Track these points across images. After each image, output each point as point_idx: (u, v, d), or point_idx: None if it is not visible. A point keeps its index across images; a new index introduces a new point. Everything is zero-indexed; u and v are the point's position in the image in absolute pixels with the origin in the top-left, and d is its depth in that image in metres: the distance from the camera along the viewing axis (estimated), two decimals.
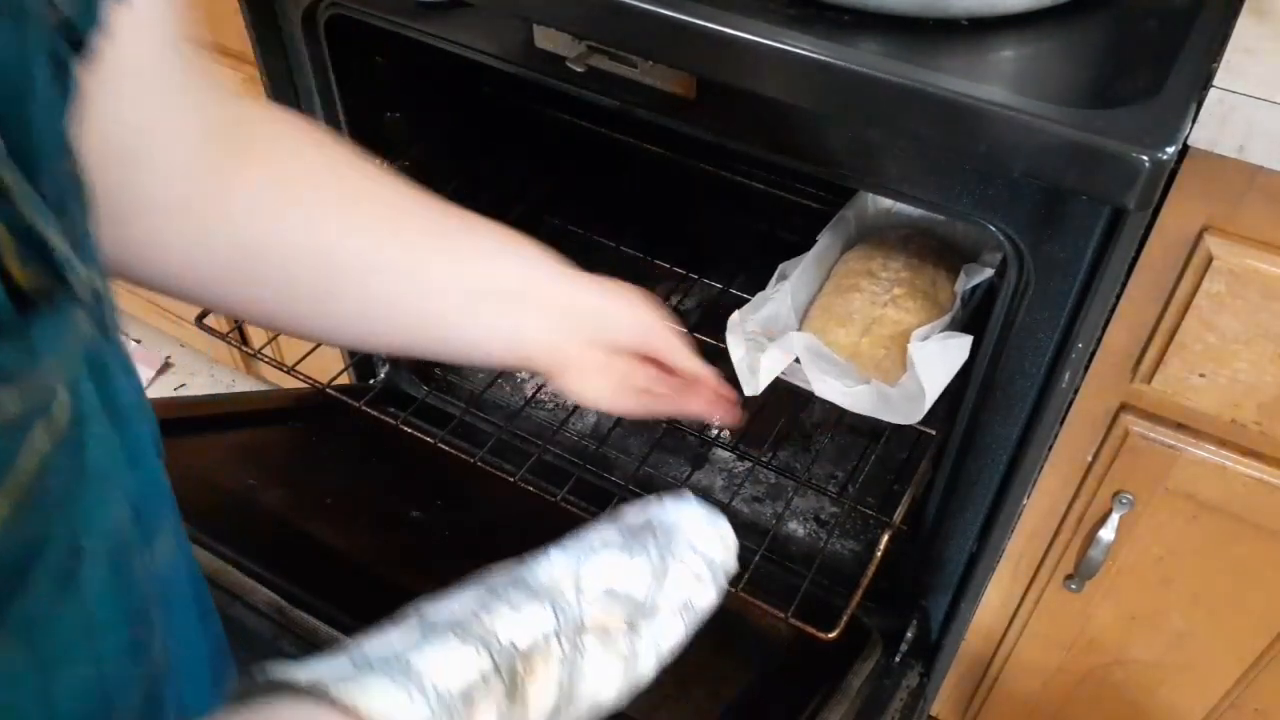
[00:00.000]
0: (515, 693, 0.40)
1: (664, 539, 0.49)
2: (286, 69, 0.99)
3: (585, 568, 0.45)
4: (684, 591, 0.48)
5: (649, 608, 0.46)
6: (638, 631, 0.45)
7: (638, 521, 0.50)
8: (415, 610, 0.42)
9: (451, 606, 0.42)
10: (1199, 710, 1.00)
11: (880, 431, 0.98)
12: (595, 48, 0.76)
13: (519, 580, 0.44)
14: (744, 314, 0.89)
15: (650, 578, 0.47)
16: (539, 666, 0.41)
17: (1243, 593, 0.88)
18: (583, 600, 0.44)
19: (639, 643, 0.45)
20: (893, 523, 0.88)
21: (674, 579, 0.48)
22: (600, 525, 0.49)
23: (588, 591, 0.44)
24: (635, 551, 0.47)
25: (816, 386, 0.84)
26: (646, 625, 0.46)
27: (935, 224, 1.02)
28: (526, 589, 0.43)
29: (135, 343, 1.89)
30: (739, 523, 1.14)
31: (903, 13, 0.66)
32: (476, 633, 0.40)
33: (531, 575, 0.45)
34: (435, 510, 1.07)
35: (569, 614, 0.43)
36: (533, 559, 0.46)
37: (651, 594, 0.46)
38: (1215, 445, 0.80)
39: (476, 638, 0.40)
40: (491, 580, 0.44)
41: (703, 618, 0.50)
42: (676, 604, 0.47)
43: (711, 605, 0.50)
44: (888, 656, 0.98)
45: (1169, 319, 0.74)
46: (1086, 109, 0.58)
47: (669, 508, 0.51)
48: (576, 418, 1.26)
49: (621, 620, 0.45)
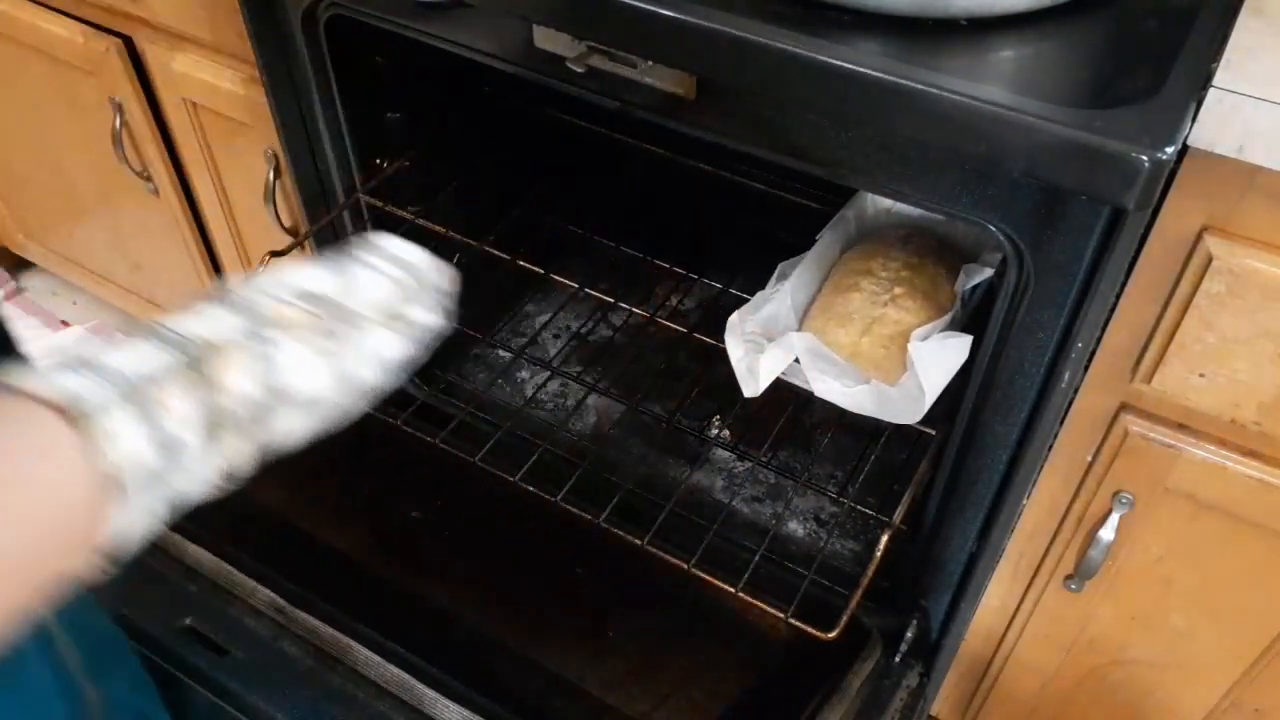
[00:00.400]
0: (204, 376, 0.45)
1: (362, 255, 0.54)
2: (286, 69, 0.99)
3: (275, 280, 0.51)
4: (384, 296, 0.52)
5: (347, 311, 0.51)
6: (336, 330, 0.50)
7: (342, 257, 0.55)
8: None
9: (143, 328, 0.46)
10: (1199, 710, 1.00)
11: (880, 431, 0.98)
12: (595, 48, 0.76)
13: (212, 298, 0.49)
14: (743, 314, 0.89)
15: (341, 280, 0.52)
16: (230, 355, 0.46)
17: (1243, 593, 0.88)
18: (271, 302, 0.49)
19: (340, 341, 0.50)
20: (892, 523, 0.88)
21: (371, 284, 0.52)
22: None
23: (277, 294, 0.50)
24: (329, 266, 0.53)
25: (816, 386, 0.84)
26: (346, 325, 0.50)
27: (935, 224, 1.02)
28: (218, 303, 0.49)
29: None
30: (739, 523, 1.14)
31: (902, 13, 0.66)
32: (163, 334, 0.45)
33: (226, 295, 0.50)
34: (435, 510, 1.07)
35: (256, 313, 0.48)
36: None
37: (346, 295, 0.51)
38: (1215, 445, 0.80)
39: (162, 336, 0.45)
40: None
41: (424, 334, 0.55)
42: (380, 309, 0.52)
43: (429, 322, 0.55)
44: (887, 656, 0.98)
45: (1169, 319, 0.74)
46: (1086, 109, 0.58)
47: (369, 239, 0.56)
48: (576, 418, 1.26)
49: (316, 318, 0.50)
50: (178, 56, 1.20)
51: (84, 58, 1.29)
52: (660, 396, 1.19)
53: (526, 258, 1.08)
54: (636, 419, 1.19)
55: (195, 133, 1.28)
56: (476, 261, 1.13)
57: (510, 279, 1.14)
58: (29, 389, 0.40)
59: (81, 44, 1.27)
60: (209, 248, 1.48)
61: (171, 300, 1.67)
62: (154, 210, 1.47)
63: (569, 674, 0.89)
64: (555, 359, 1.30)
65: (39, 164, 1.58)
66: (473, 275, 1.18)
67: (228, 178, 1.33)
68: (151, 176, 1.40)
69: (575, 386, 1.29)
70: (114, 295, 1.77)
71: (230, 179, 1.33)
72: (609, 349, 1.30)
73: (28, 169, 1.62)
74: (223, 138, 1.27)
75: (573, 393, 1.29)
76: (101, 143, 1.38)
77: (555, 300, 1.37)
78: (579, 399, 1.27)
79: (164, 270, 1.61)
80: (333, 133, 1.03)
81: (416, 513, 1.06)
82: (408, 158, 1.12)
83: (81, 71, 1.32)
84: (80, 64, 1.31)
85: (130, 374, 0.42)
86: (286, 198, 1.22)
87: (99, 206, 1.58)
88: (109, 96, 1.32)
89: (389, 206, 1.08)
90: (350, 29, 0.92)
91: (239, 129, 1.22)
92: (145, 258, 1.62)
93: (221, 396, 0.45)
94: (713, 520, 0.99)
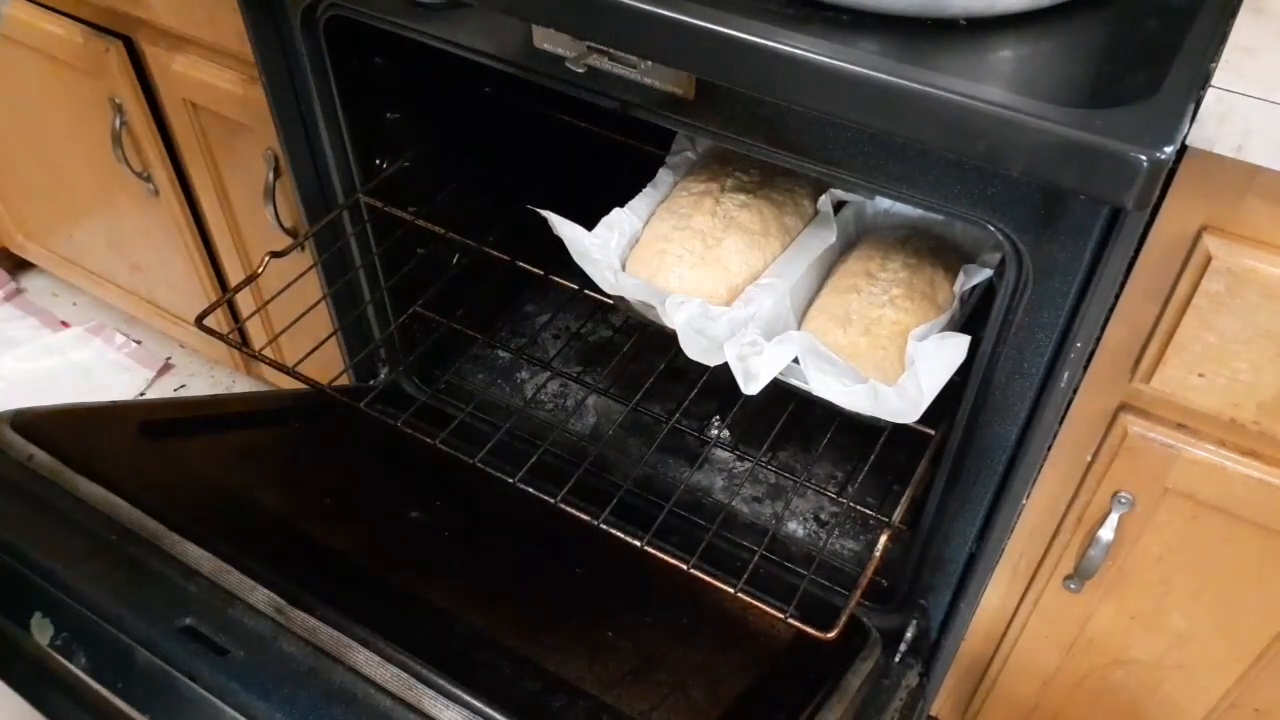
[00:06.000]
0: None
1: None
2: (286, 69, 0.99)
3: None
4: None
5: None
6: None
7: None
8: None
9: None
10: (1199, 710, 1.00)
11: (880, 431, 0.98)
12: (595, 48, 0.76)
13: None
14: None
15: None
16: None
17: (1243, 593, 0.88)
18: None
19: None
20: (892, 523, 0.88)
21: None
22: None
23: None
24: None
25: (815, 386, 0.84)
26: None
27: (934, 224, 1.02)
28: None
29: (135, 343, 1.89)
30: (739, 523, 1.14)
31: (901, 13, 0.66)
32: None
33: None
34: (435, 510, 1.07)
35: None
36: None
37: None
38: (1215, 445, 0.80)
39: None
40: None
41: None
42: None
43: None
44: (887, 656, 0.98)
45: (1168, 319, 0.74)
46: (1085, 109, 0.58)
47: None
48: (576, 418, 1.26)
49: None
50: (178, 57, 1.20)
51: (84, 58, 1.29)
52: (660, 396, 1.19)
53: (526, 258, 1.08)
54: (636, 419, 1.19)
55: (195, 133, 1.28)
56: (476, 261, 1.13)
57: (510, 279, 1.14)
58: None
59: (81, 44, 1.27)
60: (209, 248, 1.48)
61: (171, 300, 1.67)
62: (154, 211, 1.47)
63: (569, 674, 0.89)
64: (555, 359, 1.30)
65: (39, 164, 1.58)
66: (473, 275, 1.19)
67: (228, 178, 1.33)
68: (151, 177, 1.40)
69: (575, 387, 1.29)
70: (114, 295, 1.77)
71: (230, 179, 1.33)
72: (609, 349, 1.30)
73: (28, 169, 1.62)
74: (223, 138, 1.27)
75: (572, 393, 1.29)
76: (101, 143, 1.38)
77: (555, 300, 1.37)
78: (579, 399, 1.27)
79: (164, 270, 1.61)
80: (333, 133, 1.03)
81: (416, 513, 1.06)
82: (407, 158, 1.12)
83: (81, 71, 1.32)
84: (80, 64, 1.31)
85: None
86: (286, 198, 1.22)
87: (99, 207, 1.58)
88: (109, 97, 1.32)
89: (389, 207, 1.08)
90: (350, 29, 0.92)
91: (239, 130, 1.22)
92: (145, 258, 1.62)
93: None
94: (712, 520, 0.99)
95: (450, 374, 1.28)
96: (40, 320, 1.94)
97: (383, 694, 0.80)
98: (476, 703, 0.76)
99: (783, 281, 0.92)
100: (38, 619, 0.77)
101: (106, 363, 1.87)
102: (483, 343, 1.31)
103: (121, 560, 0.80)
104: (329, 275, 1.13)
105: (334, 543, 1.01)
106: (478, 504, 1.07)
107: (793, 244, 0.97)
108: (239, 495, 1.00)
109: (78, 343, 1.89)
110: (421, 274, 1.15)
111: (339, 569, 0.97)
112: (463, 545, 1.04)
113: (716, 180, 1.00)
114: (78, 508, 0.82)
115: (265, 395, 1.41)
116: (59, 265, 1.81)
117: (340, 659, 0.82)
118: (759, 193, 0.98)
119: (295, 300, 1.06)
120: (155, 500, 0.84)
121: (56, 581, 0.78)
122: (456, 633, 0.92)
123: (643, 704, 0.88)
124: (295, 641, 0.83)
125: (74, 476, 0.83)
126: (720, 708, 0.89)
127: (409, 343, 1.21)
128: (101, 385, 1.83)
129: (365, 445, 1.14)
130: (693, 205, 0.97)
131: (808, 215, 1.00)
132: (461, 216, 1.12)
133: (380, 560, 0.99)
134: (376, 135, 1.08)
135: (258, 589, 0.86)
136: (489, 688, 0.78)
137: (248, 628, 0.84)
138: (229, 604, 0.87)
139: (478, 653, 0.90)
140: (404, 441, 0.99)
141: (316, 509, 1.04)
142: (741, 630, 0.95)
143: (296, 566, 0.93)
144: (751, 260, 0.94)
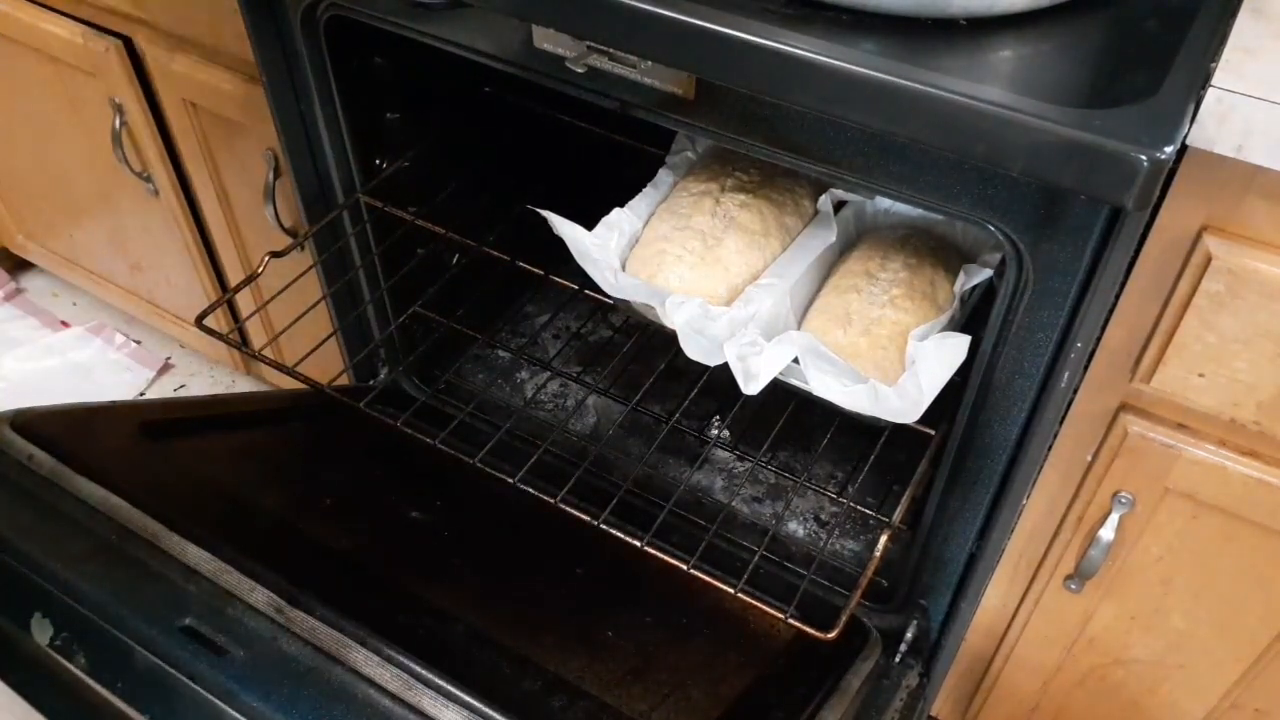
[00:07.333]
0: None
1: None
2: (286, 69, 0.99)
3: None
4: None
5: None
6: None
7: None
8: None
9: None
10: (1199, 710, 1.00)
11: (880, 431, 0.98)
12: (595, 48, 0.76)
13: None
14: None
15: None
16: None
17: (1243, 592, 0.88)
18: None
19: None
20: (892, 523, 0.88)
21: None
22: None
23: None
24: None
25: (815, 385, 0.84)
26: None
27: (934, 224, 1.02)
28: None
29: (135, 343, 1.89)
30: (739, 523, 1.14)
31: (901, 13, 0.66)
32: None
33: None
34: (435, 510, 1.07)
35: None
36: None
37: None
38: (1215, 445, 0.80)
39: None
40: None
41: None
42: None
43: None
44: (887, 656, 0.98)
45: (1168, 319, 0.74)
46: (1085, 109, 0.58)
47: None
48: (576, 418, 1.26)
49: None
50: (178, 57, 1.20)
51: (84, 58, 1.29)
52: (660, 396, 1.19)
53: (526, 258, 1.08)
54: (636, 419, 1.19)
55: (195, 133, 1.28)
56: (476, 261, 1.13)
57: (510, 279, 1.14)
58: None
59: (81, 44, 1.27)
60: (209, 248, 1.48)
61: (171, 300, 1.67)
62: (154, 211, 1.47)
63: (569, 674, 0.89)
64: (555, 359, 1.30)
65: (39, 164, 1.58)
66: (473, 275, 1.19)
67: (228, 178, 1.33)
68: (151, 177, 1.40)
69: (575, 387, 1.29)
70: (114, 295, 1.77)
71: (230, 179, 1.33)
72: (609, 349, 1.30)
73: (28, 169, 1.62)
74: (222, 138, 1.27)
75: (572, 393, 1.29)
76: (101, 143, 1.38)
77: (555, 300, 1.37)
78: (579, 399, 1.27)
79: (164, 271, 1.61)
80: (332, 133, 1.03)
81: (416, 513, 1.06)
82: (407, 158, 1.12)
83: (81, 72, 1.32)
84: (80, 64, 1.31)
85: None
86: (286, 198, 1.22)
87: (99, 207, 1.58)
88: (109, 97, 1.32)
89: (389, 207, 1.08)
90: (350, 29, 0.92)
91: (239, 130, 1.22)
92: (145, 258, 1.62)
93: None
94: (712, 520, 0.99)
95: (450, 374, 1.28)
96: (40, 320, 1.94)
97: (382, 694, 0.80)
98: (476, 702, 0.76)
99: (783, 281, 0.92)
100: (38, 619, 0.77)
101: (106, 363, 1.87)
102: (483, 343, 1.31)
103: (121, 560, 0.80)
104: (329, 275, 1.13)
105: (334, 543, 1.00)
106: (478, 504, 1.07)
107: (793, 244, 0.97)
108: (239, 495, 1.00)
109: (78, 343, 1.89)
110: (421, 274, 1.15)
111: (339, 569, 0.97)
112: (462, 545, 1.03)
113: (716, 180, 1.00)
114: (78, 508, 0.82)
115: (265, 395, 1.42)
116: (59, 265, 1.81)
117: (340, 659, 0.82)
118: (759, 193, 0.98)
119: (295, 300, 1.06)
120: (155, 500, 0.84)
121: (56, 581, 0.78)
122: (456, 632, 0.91)
123: (643, 704, 0.88)
124: (295, 641, 0.83)
125: (74, 476, 0.83)
126: (720, 708, 0.89)
127: (409, 343, 1.21)
128: (101, 385, 1.83)
129: (365, 445, 1.14)
130: (693, 205, 0.97)
131: (808, 215, 1.00)
132: (461, 216, 1.12)
133: (380, 560, 0.99)
134: (376, 135, 1.08)
135: (257, 589, 0.86)
136: (488, 687, 0.78)
137: (247, 628, 0.84)
138: (228, 604, 0.87)
139: (477, 652, 0.90)
140: (404, 441, 0.99)
141: (316, 509, 1.04)
142: (741, 630, 0.95)
143: (296, 566, 0.92)
144: (751, 260, 0.94)
